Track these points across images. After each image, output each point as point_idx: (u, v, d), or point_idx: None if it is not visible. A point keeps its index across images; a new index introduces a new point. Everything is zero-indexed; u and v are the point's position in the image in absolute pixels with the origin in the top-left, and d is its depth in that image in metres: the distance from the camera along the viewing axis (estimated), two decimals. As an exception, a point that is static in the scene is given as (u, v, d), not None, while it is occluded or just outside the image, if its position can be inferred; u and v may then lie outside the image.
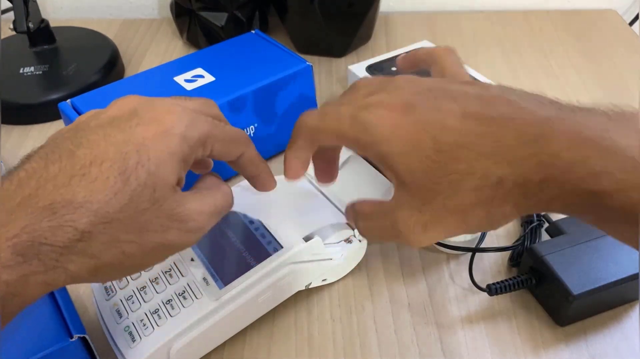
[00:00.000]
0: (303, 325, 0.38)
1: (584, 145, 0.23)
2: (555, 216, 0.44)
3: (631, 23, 0.74)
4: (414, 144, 0.26)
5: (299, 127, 0.32)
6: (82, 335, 0.31)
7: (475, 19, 0.74)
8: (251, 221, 0.37)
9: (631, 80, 0.62)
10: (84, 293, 0.41)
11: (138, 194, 0.25)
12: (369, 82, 0.32)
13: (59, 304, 0.33)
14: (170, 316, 0.33)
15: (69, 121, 0.45)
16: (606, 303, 0.38)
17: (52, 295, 0.33)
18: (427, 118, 0.26)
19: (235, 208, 0.38)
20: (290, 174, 0.33)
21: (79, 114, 0.45)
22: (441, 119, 0.26)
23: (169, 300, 0.34)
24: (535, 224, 0.43)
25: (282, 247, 0.35)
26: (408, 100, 0.27)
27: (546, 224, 0.43)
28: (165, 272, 0.35)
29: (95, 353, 0.33)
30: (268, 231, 0.36)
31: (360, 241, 0.39)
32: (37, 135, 0.56)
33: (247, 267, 0.34)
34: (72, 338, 0.31)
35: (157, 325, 0.33)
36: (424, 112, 0.27)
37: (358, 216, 0.33)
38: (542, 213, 0.44)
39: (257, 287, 0.34)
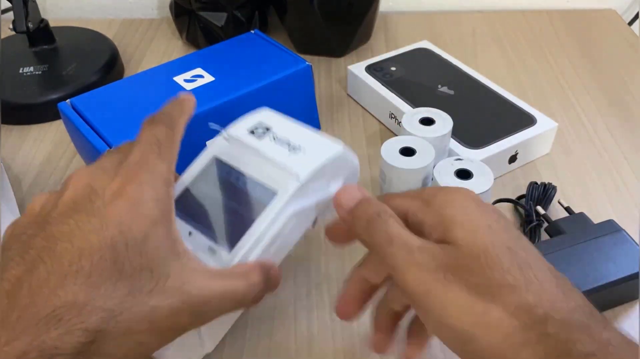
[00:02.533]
0: (303, 325, 0.38)
1: None
2: (555, 216, 0.44)
3: (630, 23, 0.74)
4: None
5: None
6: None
7: (475, 18, 0.74)
8: (237, 177, 0.35)
9: (630, 80, 0.62)
10: (83, 293, 0.41)
11: (137, 279, 0.24)
12: None
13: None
14: None
15: (68, 120, 0.45)
16: (605, 302, 0.39)
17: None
18: None
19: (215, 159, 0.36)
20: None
21: (79, 114, 0.45)
22: None
23: None
24: (534, 224, 0.43)
25: (276, 193, 0.33)
26: None
27: (545, 224, 0.43)
28: None
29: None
30: (257, 181, 0.34)
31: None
32: (36, 135, 0.56)
33: (248, 224, 0.32)
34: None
35: None
36: None
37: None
38: (542, 213, 0.44)
39: (264, 240, 0.32)
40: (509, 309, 0.22)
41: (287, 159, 0.34)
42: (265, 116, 0.37)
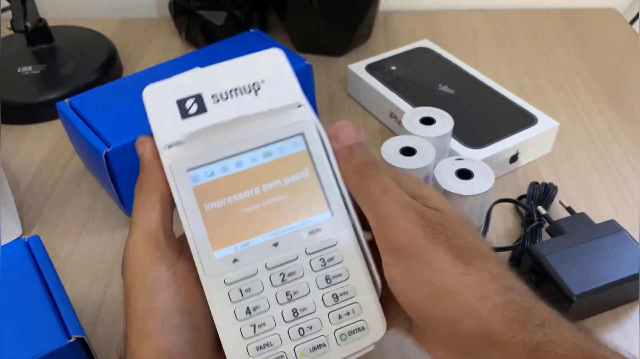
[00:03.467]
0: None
1: None
2: (556, 216, 0.44)
3: (631, 22, 0.73)
4: None
5: None
6: (80, 336, 0.31)
7: (475, 17, 0.73)
8: (239, 162, 0.27)
9: (632, 80, 0.62)
10: (82, 295, 0.41)
11: None
12: None
13: (57, 305, 0.32)
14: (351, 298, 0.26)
15: (66, 120, 0.45)
16: (606, 302, 0.38)
17: (50, 296, 0.33)
18: None
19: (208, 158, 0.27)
20: None
21: (77, 113, 0.45)
22: None
23: (333, 296, 0.26)
24: (535, 224, 0.43)
25: (302, 133, 0.27)
26: None
27: (547, 224, 0.43)
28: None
29: (94, 354, 0.33)
30: (271, 143, 0.27)
31: None
32: (35, 135, 0.56)
33: (312, 177, 0.27)
34: (70, 338, 0.31)
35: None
36: None
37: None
38: (543, 213, 0.44)
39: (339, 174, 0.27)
40: (484, 274, 0.24)
41: (265, 101, 0.27)
42: (167, 89, 0.28)
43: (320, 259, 0.26)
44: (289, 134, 0.27)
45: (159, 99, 0.28)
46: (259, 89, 0.27)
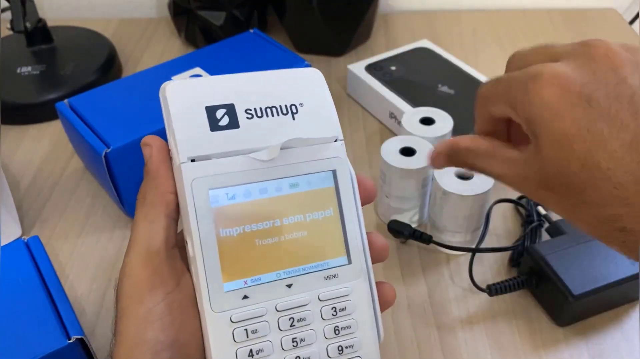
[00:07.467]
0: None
1: None
2: (556, 216, 0.44)
3: (631, 22, 0.73)
4: (568, 148, 0.23)
5: (476, 96, 0.30)
6: (79, 336, 0.31)
7: (475, 17, 0.73)
8: (263, 189, 0.25)
9: (631, 79, 0.62)
10: (81, 295, 0.41)
11: None
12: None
13: (57, 306, 0.33)
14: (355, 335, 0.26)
15: (66, 120, 0.45)
16: (606, 303, 0.38)
17: (50, 296, 0.33)
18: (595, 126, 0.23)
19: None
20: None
21: (77, 114, 0.45)
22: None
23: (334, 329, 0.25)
24: (535, 224, 0.43)
25: (334, 169, 0.26)
26: (585, 89, 0.24)
27: (546, 224, 0.43)
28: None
29: (94, 354, 0.33)
30: (298, 176, 0.25)
31: None
32: (34, 135, 0.56)
33: (335, 220, 0.26)
34: (69, 339, 0.31)
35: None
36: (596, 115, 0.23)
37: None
38: (543, 213, 0.44)
39: (361, 216, 0.26)
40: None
41: (302, 128, 0.25)
42: (194, 91, 0.25)
43: (332, 308, 0.25)
44: (320, 169, 0.25)
45: (186, 101, 0.24)
46: (296, 112, 0.25)
